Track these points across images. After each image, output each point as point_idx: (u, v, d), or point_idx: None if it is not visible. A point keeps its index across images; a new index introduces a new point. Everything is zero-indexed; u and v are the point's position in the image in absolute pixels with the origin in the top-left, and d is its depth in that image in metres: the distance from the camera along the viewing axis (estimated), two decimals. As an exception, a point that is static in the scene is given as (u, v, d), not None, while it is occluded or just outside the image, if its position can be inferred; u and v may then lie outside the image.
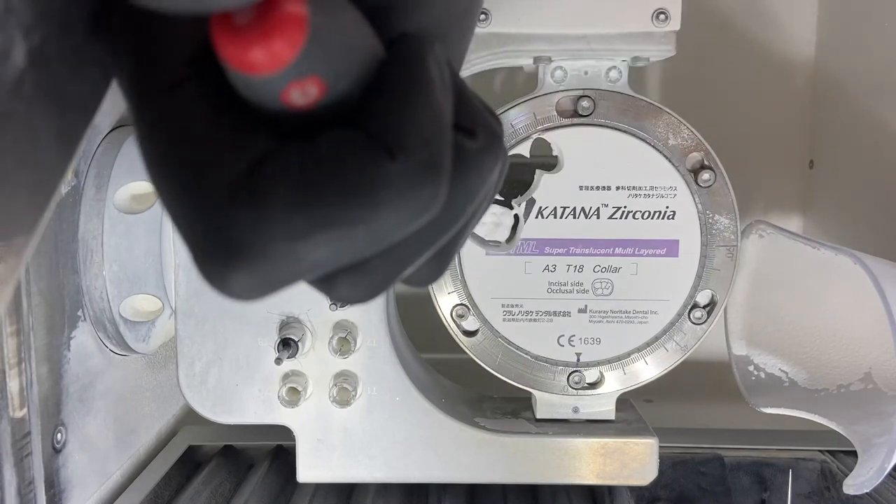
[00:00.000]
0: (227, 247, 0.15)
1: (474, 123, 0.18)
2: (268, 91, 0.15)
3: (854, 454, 0.46)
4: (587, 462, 0.48)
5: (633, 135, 0.46)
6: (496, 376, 0.48)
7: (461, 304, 0.48)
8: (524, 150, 0.46)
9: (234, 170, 0.16)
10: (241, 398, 0.47)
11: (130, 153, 0.50)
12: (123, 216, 0.49)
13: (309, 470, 0.48)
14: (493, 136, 0.19)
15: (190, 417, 0.65)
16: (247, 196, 0.15)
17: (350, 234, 0.16)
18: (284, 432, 0.48)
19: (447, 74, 0.18)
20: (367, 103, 0.17)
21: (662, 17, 0.44)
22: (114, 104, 0.51)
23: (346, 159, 0.16)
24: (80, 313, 0.48)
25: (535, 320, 0.47)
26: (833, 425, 0.49)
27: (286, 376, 0.47)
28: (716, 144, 0.47)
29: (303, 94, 0.16)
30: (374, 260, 0.17)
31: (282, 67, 0.15)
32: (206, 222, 0.16)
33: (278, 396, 0.46)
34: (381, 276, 0.18)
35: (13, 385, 0.38)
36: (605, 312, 0.47)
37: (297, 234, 0.15)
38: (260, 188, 0.15)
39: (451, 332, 0.49)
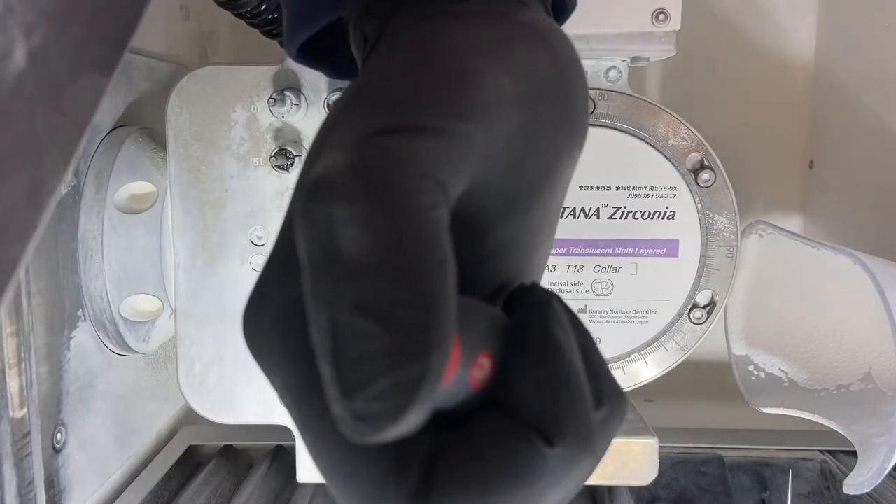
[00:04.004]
0: None
1: (603, 387, 0.18)
2: (457, 389, 0.17)
3: (854, 454, 0.46)
4: (587, 462, 0.47)
5: (633, 135, 0.46)
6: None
7: (461, 304, 0.48)
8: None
9: (410, 485, 0.16)
10: (241, 398, 0.47)
11: (130, 153, 0.50)
12: (123, 216, 0.49)
13: (309, 470, 0.48)
14: (621, 400, 0.19)
15: (190, 417, 0.65)
16: None
17: None
18: (284, 432, 0.48)
19: (573, 335, 0.18)
20: (506, 378, 0.17)
21: (662, 17, 0.44)
22: (114, 104, 0.51)
23: (508, 452, 0.16)
24: (80, 313, 0.48)
25: (535, 320, 0.47)
26: (833, 425, 0.49)
27: (286, 376, 0.47)
28: (716, 144, 0.47)
29: (481, 369, 0.17)
30: None
31: (457, 367, 0.16)
32: None
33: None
34: None
35: (13, 385, 0.38)
36: (605, 312, 0.47)
37: None
38: (439, 500, 0.16)
39: (451, 332, 0.49)
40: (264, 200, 0.46)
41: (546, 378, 0.17)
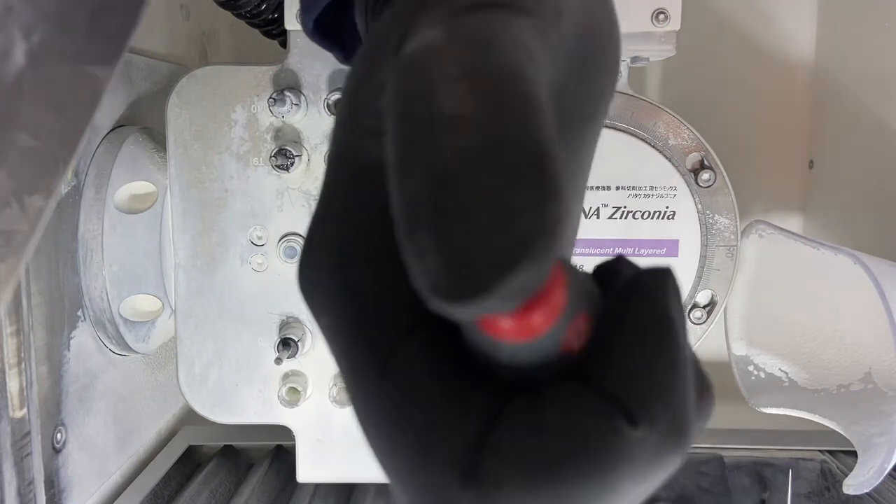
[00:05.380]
0: None
1: (697, 376, 0.16)
2: (548, 346, 0.14)
3: (854, 454, 0.46)
4: (587, 462, 0.47)
5: (633, 135, 0.46)
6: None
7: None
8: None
9: (462, 443, 0.14)
10: (241, 398, 0.47)
11: (130, 153, 0.50)
12: (123, 216, 0.49)
13: (309, 470, 0.48)
14: (712, 395, 0.17)
15: (190, 417, 0.65)
16: (476, 481, 0.14)
17: None
18: (284, 432, 0.48)
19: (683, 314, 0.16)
20: (599, 349, 0.15)
21: (662, 17, 0.44)
22: (114, 104, 0.51)
23: (581, 426, 0.14)
24: (79, 313, 0.48)
25: (535, 320, 0.47)
26: (833, 425, 0.49)
27: (286, 376, 0.47)
28: (716, 144, 0.47)
29: (578, 335, 0.15)
30: None
31: (560, 316, 0.14)
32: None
33: (278, 396, 0.46)
34: None
35: (13, 385, 0.38)
36: (605, 312, 0.47)
37: None
38: (490, 471, 0.14)
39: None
40: (264, 200, 0.46)
41: (650, 357, 0.15)
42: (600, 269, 0.17)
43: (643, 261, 0.47)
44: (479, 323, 0.14)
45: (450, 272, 0.12)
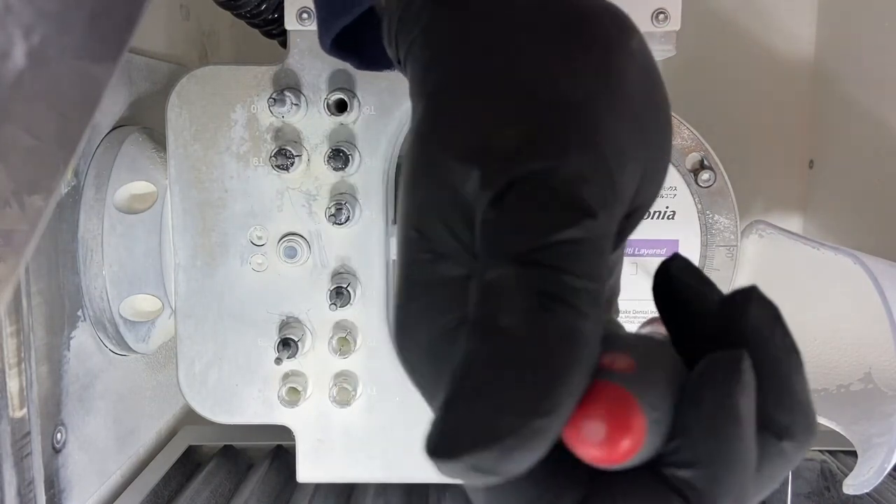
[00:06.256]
0: None
1: (792, 418, 0.18)
2: (636, 461, 0.17)
3: (854, 454, 0.46)
4: (587, 462, 0.47)
5: (633, 135, 0.46)
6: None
7: (461, 304, 0.48)
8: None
9: None
10: (241, 398, 0.47)
11: (130, 153, 0.50)
12: (123, 216, 0.49)
13: (309, 470, 0.48)
14: (809, 433, 0.18)
15: (190, 417, 0.65)
16: None
17: None
18: (284, 432, 0.48)
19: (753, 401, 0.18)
20: (674, 437, 0.17)
21: (662, 17, 0.44)
22: (114, 104, 0.51)
23: None
24: (79, 313, 0.48)
25: (535, 320, 0.47)
26: (833, 425, 0.49)
27: (286, 376, 0.47)
28: (716, 144, 0.47)
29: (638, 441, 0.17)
30: None
31: (643, 442, 0.16)
32: None
33: (278, 396, 0.46)
34: None
35: (13, 385, 0.38)
36: (605, 312, 0.47)
37: None
38: None
39: (451, 332, 0.48)
40: (264, 200, 0.46)
41: (710, 450, 0.17)
42: (727, 307, 0.19)
43: (643, 261, 0.47)
44: (574, 446, 0.17)
45: (441, 436, 0.16)
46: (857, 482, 0.44)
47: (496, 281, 0.17)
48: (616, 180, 0.19)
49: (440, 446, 0.16)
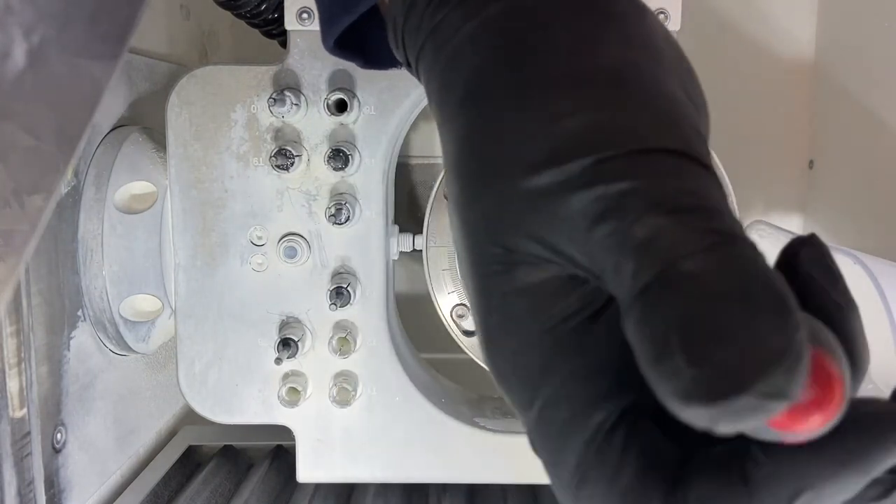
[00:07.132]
0: None
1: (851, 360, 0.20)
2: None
3: (854, 454, 0.46)
4: (587, 462, 0.47)
5: (633, 135, 0.46)
6: (496, 376, 0.48)
7: (461, 304, 0.48)
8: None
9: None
10: (241, 398, 0.47)
11: (130, 153, 0.50)
12: (123, 216, 0.49)
13: (309, 470, 0.48)
14: (862, 371, 0.20)
15: (190, 417, 0.65)
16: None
17: None
18: (284, 432, 0.48)
19: None
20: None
21: (662, 17, 0.44)
22: (114, 104, 0.51)
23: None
24: (79, 313, 0.48)
25: (535, 320, 0.47)
26: (833, 425, 0.48)
27: (286, 376, 0.47)
28: (716, 144, 0.47)
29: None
30: None
31: (842, 405, 0.17)
32: None
33: (278, 396, 0.46)
34: None
35: (13, 385, 0.38)
36: (605, 312, 0.47)
37: None
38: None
39: (451, 332, 0.49)
40: (264, 200, 0.46)
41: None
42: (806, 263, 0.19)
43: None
44: (779, 425, 0.16)
45: (711, 379, 0.15)
46: (857, 482, 0.44)
47: (654, 234, 0.17)
48: (703, 133, 0.21)
49: (719, 388, 0.15)
